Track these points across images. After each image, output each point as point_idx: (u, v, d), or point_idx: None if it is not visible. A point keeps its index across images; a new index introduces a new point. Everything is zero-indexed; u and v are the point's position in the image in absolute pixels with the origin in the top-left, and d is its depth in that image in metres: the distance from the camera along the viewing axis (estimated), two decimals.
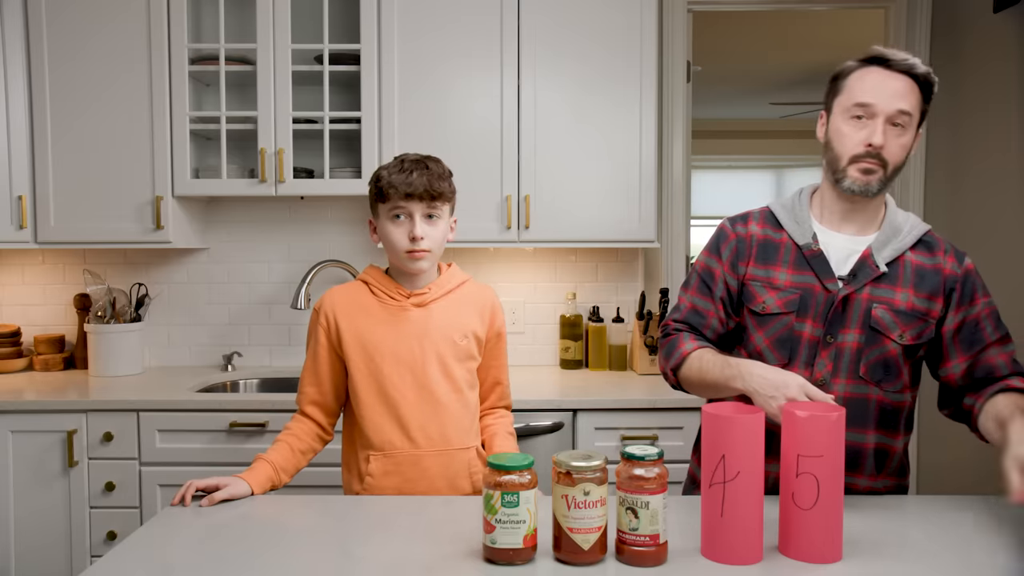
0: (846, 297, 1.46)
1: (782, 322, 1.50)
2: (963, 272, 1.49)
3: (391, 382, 1.61)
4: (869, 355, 1.47)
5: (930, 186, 2.91)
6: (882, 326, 1.46)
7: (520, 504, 1.19)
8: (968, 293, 1.48)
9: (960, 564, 1.21)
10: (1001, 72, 2.56)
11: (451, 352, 1.64)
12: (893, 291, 1.47)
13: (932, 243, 1.51)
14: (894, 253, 1.48)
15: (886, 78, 1.43)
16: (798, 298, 1.49)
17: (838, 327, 1.47)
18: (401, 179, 1.57)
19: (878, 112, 1.42)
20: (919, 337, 1.47)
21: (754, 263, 1.54)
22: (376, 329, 1.62)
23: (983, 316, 1.49)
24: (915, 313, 1.46)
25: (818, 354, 1.48)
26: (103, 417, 2.36)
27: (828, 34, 5.28)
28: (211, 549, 1.28)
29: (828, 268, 1.48)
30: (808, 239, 1.50)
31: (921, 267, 1.48)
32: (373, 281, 1.66)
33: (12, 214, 2.60)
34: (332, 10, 2.69)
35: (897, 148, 1.44)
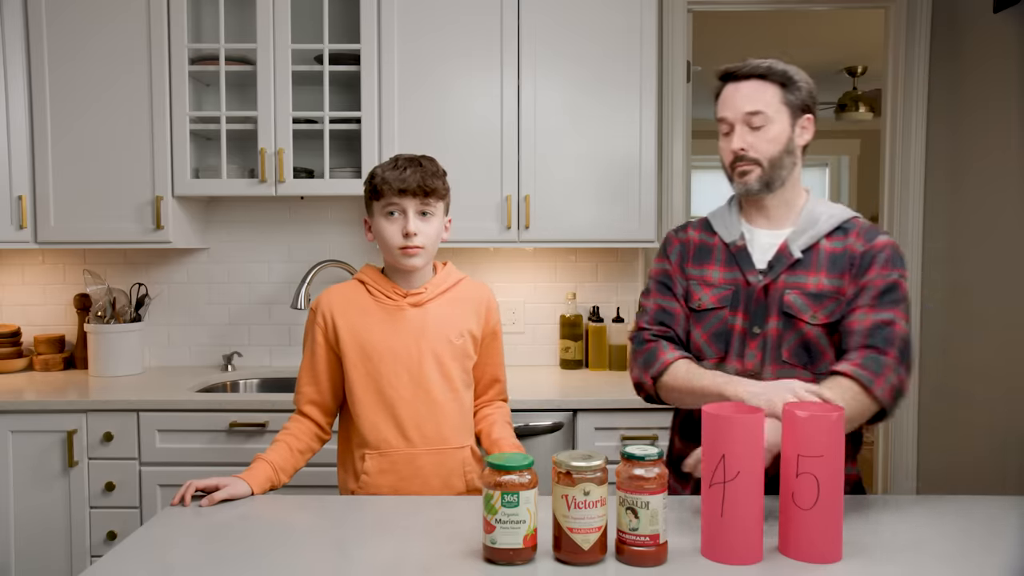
0: (766, 288, 1.54)
1: (717, 316, 1.58)
2: (867, 248, 1.53)
3: (388, 381, 1.61)
4: (789, 340, 1.52)
5: (930, 185, 2.91)
6: (794, 310, 1.52)
7: (520, 504, 1.19)
8: (866, 264, 1.51)
9: (960, 564, 1.21)
10: (1001, 72, 2.56)
11: (447, 351, 1.65)
12: (806, 276, 1.53)
13: (848, 228, 1.56)
14: (809, 241, 1.54)
15: (735, 89, 1.56)
16: (731, 293, 1.57)
17: (762, 317, 1.54)
18: (395, 176, 1.59)
19: (734, 121, 1.55)
20: (832, 316, 1.51)
21: (692, 264, 1.64)
22: (373, 328, 1.63)
23: (871, 285, 1.50)
24: (825, 294, 1.52)
25: (747, 345, 1.55)
26: (103, 417, 2.36)
27: (828, 34, 5.28)
28: (211, 549, 1.28)
29: (750, 261, 1.57)
30: (735, 237, 1.60)
31: (834, 252, 1.54)
32: (370, 280, 1.67)
33: (12, 214, 2.59)
34: (332, 10, 2.69)
35: (764, 144, 1.54)
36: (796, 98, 1.55)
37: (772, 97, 1.53)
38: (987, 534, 1.33)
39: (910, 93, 2.91)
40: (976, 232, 2.70)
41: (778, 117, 1.54)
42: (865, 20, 4.81)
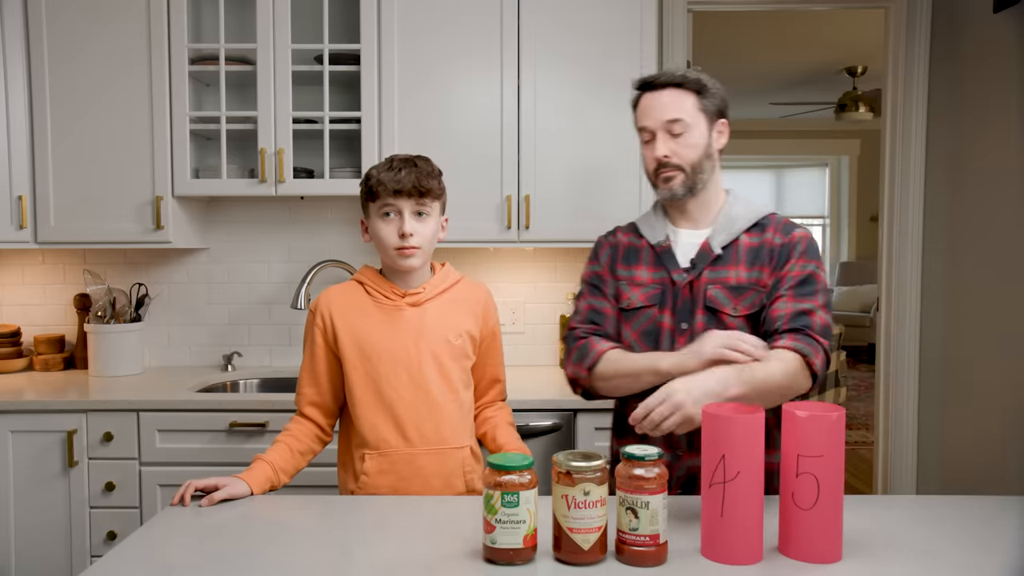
0: (691, 285, 1.59)
1: (646, 315, 1.62)
2: (786, 241, 1.59)
3: (387, 381, 1.61)
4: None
5: (930, 185, 2.91)
6: (716, 303, 1.57)
7: (520, 504, 1.19)
8: (784, 256, 1.57)
9: (960, 564, 1.21)
10: (1001, 72, 2.56)
11: (446, 351, 1.65)
12: (727, 270, 1.59)
13: (765, 224, 1.62)
14: (728, 238, 1.60)
15: (653, 98, 1.61)
16: (659, 292, 1.62)
17: (688, 313, 1.59)
18: (390, 176, 1.60)
19: (655, 129, 1.60)
20: (752, 307, 1.56)
21: (621, 265, 1.68)
22: (372, 329, 1.63)
23: (790, 276, 1.55)
24: (745, 286, 1.57)
25: (676, 342, 1.58)
26: (103, 417, 2.36)
27: (828, 34, 5.28)
28: (211, 549, 1.28)
29: (675, 261, 1.62)
30: (660, 238, 1.65)
31: (752, 246, 1.60)
32: (368, 281, 1.68)
33: (12, 214, 2.60)
34: (332, 10, 2.69)
35: (685, 149, 1.59)
36: (711, 104, 1.61)
37: (690, 105, 1.59)
38: (987, 534, 1.33)
39: (910, 93, 2.91)
40: (976, 232, 2.70)
41: (696, 123, 1.59)
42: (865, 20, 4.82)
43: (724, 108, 1.64)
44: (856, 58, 5.96)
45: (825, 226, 9.23)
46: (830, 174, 9.11)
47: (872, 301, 7.89)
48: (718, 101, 1.62)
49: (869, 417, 5.70)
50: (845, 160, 8.97)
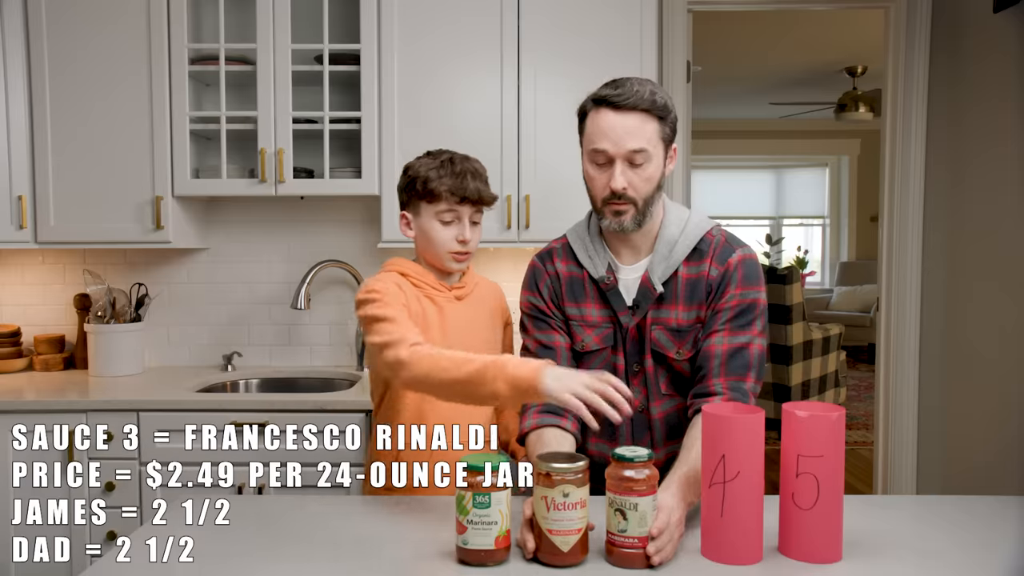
0: (638, 326, 1.52)
1: (601, 357, 1.55)
2: (721, 271, 1.49)
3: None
4: (663, 374, 1.52)
5: (930, 185, 2.92)
6: (660, 347, 1.51)
7: (492, 505, 1.19)
8: (721, 288, 1.48)
9: (960, 564, 1.21)
10: (1001, 71, 2.56)
11: (484, 345, 1.68)
12: (669, 310, 1.51)
13: (703, 250, 1.51)
14: (667, 271, 1.50)
15: (615, 119, 1.44)
16: (611, 332, 1.54)
17: (638, 355, 1.53)
18: (456, 184, 1.58)
19: (614, 156, 1.44)
20: (694, 348, 1.50)
21: (568, 301, 1.57)
22: (427, 317, 1.63)
23: (728, 307, 1.47)
24: (684, 329, 1.50)
25: (631, 383, 1.53)
26: (103, 417, 2.36)
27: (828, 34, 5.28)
28: (211, 549, 1.28)
29: (621, 300, 1.53)
30: (602, 273, 1.53)
31: (690, 279, 1.50)
32: (412, 273, 1.66)
33: (12, 214, 2.59)
34: (332, 10, 2.69)
35: (641, 183, 1.45)
36: (669, 130, 1.48)
37: (652, 133, 1.45)
38: (987, 534, 1.33)
39: (910, 93, 2.91)
40: (976, 231, 2.70)
41: (656, 154, 1.46)
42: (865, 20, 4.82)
43: (675, 133, 1.51)
44: (856, 58, 5.96)
45: (825, 226, 9.23)
46: (830, 174, 9.11)
47: (872, 301, 7.89)
48: (673, 124, 1.49)
49: (869, 417, 5.70)
50: (845, 160, 8.97)
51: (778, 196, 9.19)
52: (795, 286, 4.90)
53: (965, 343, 2.76)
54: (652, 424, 1.54)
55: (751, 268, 1.51)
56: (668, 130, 1.48)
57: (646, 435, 1.55)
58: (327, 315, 2.95)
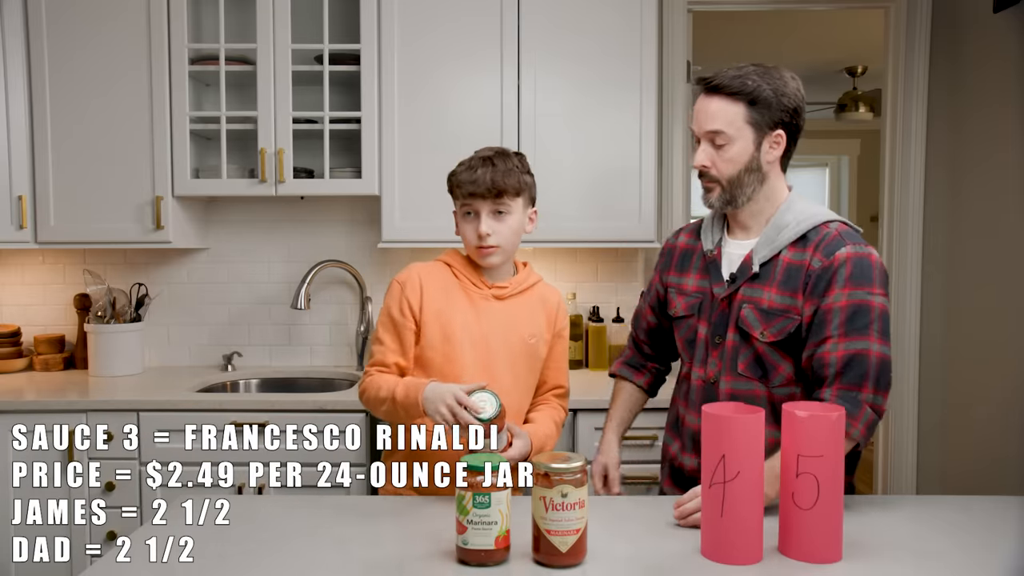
0: (729, 299, 1.55)
1: (688, 324, 1.63)
2: (826, 264, 1.46)
3: (462, 367, 1.60)
4: (745, 353, 1.53)
5: (930, 185, 2.91)
6: (747, 325, 1.52)
7: (492, 505, 1.19)
8: (824, 284, 1.45)
9: (960, 564, 1.21)
10: (1001, 72, 2.56)
11: (521, 351, 1.65)
12: (762, 290, 1.52)
13: (811, 238, 1.50)
14: (770, 253, 1.52)
15: (703, 102, 1.54)
16: (699, 302, 1.61)
17: (723, 328, 1.56)
18: (467, 177, 1.60)
19: (700, 136, 1.54)
20: (781, 333, 1.48)
21: (674, 272, 1.69)
22: (456, 313, 1.62)
23: (835, 308, 1.43)
24: (776, 311, 1.49)
25: (709, 354, 1.58)
26: (103, 417, 2.36)
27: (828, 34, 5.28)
28: (211, 549, 1.28)
29: (719, 272, 1.59)
30: (711, 246, 1.62)
31: (791, 264, 1.50)
32: (457, 266, 1.67)
33: (12, 214, 2.59)
34: (332, 10, 2.69)
35: (723, 164, 1.52)
36: (764, 116, 1.49)
37: (735, 116, 1.49)
38: (987, 534, 1.33)
39: (910, 93, 2.91)
40: (976, 232, 2.70)
41: (740, 136, 1.50)
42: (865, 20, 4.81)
43: (784, 117, 1.51)
44: (856, 58, 5.96)
45: None
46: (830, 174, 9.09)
47: None
48: (777, 111, 1.50)
49: None
50: (845, 160, 8.95)
51: None
52: None
53: (965, 343, 2.75)
54: (719, 397, 1.55)
55: (861, 267, 1.44)
56: (758, 115, 1.50)
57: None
58: (327, 315, 2.95)
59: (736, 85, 1.49)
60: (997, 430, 2.56)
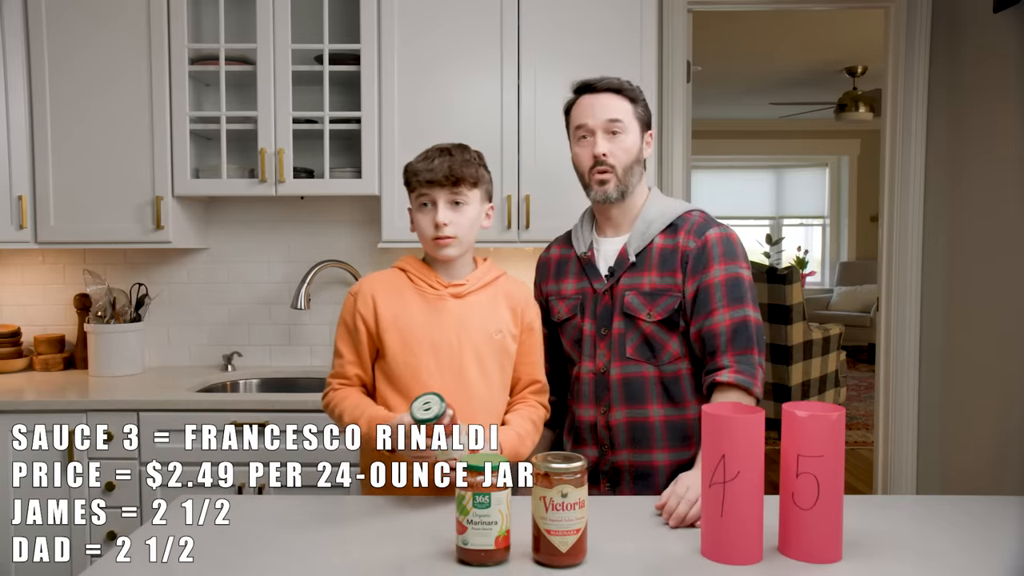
0: (611, 291, 1.67)
1: (572, 325, 1.73)
2: (699, 244, 1.63)
3: (427, 371, 1.57)
4: (632, 337, 1.65)
5: (930, 185, 2.92)
6: (632, 309, 1.64)
7: (492, 505, 1.19)
8: (702, 262, 1.62)
9: (960, 564, 1.21)
10: (1001, 71, 2.56)
11: (487, 346, 1.62)
12: (641, 276, 1.65)
13: (679, 225, 1.67)
14: (643, 243, 1.66)
15: (594, 99, 1.69)
16: (579, 302, 1.72)
17: (607, 319, 1.67)
18: (424, 166, 1.60)
19: (594, 128, 1.67)
20: (666, 311, 1.63)
21: (552, 281, 1.80)
22: (414, 317, 1.60)
23: (716, 282, 1.60)
24: (658, 291, 1.63)
25: (597, 346, 1.68)
26: (103, 417, 2.36)
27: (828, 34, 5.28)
28: (211, 549, 1.28)
29: (596, 271, 1.71)
30: (584, 249, 1.74)
31: (664, 249, 1.66)
32: (411, 269, 1.65)
33: (12, 214, 2.60)
34: (332, 10, 2.69)
35: (620, 152, 1.66)
36: (644, 114, 1.70)
37: (627, 110, 1.67)
38: (987, 534, 1.33)
39: (910, 93, 2.91)
40: (976, 232, 2.70)
41: (631, 128, 1.67)
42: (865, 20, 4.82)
43: (650, 120, 1.74)
44: (856, 58, 5.96)
45: (825, 226, 9.23)
46: (830, 174, 9.11)
47: (872, 301, 7.89)
48: (647, 112, 1.72)
49: (869, 417, 5.70)
50: (845, 160, 8.97)
51: (778, 196, 9.19)
52: (795, 286, 4.90)
53: (965, 343, 2.76)
54: (610, 385, 1.67)
55: (728, 243, 1.64)
56: (641, 111, 1.70)
57: (605, 395, 1.68)
58: (327, 315, 2.95)
59: (621, 85, 1.69)
60: (997, 430, 2.56)
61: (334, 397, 1.62)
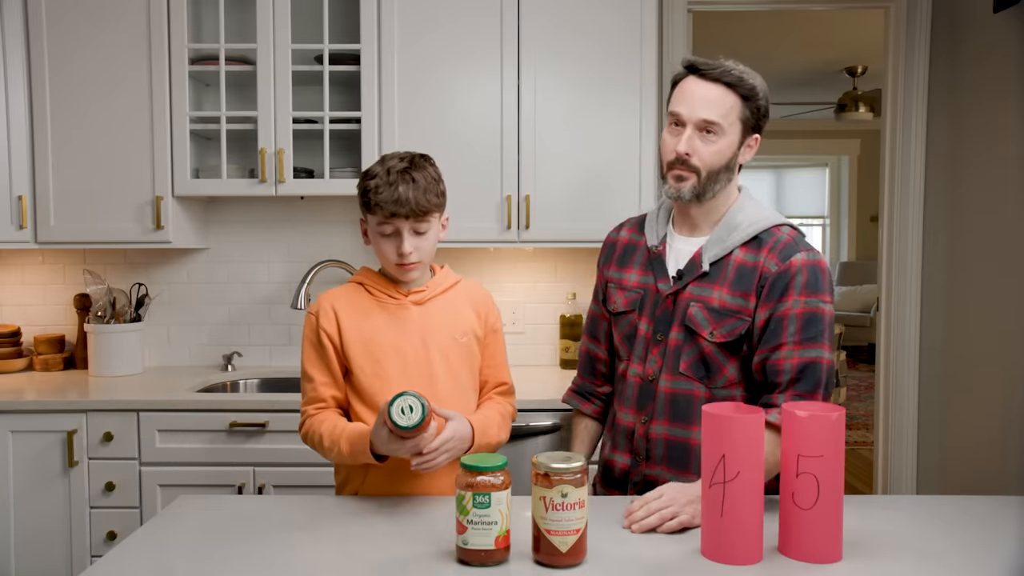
0: (675, 296, 1.53)
1: (627, 320, 1.61)
2: (781, 269, 1.46)
3: (397, 382, 1.56)
4: (689, 352, 1.52)
5: (930, 185, 2.92)
6: (695, 324, 1.50)
7: (492, 505, 1.19)
8: (780, 289, 1.45)
9: (960, 564, 1.21)
10: (1001, 71, 2.56)
11: (454, 350, 1.61)
12: (712, 289, 1.50)
13: (764, 240, 1.50)
14: (721, 252, 1.51)
15: (697, 87, 1.49)
16: (639, 297, 1.59)
17: (666, 325, 1.54)
18: (388, 196, 1.50)
19: (686, 121, 1.48)
20: (731, 334, 1.48)
21: (614, 266, 1.67)
22: (378, 329, 1.59)
23: (791, 315, 1.44)
24: (727, 311, 1.48)
25: (650, 351, 1.56)
26: (103, 417, 2.36)
27: (828, 34, 5.28)
28: (211, 549, 1.28)
29: (664, 269, 1.57)
30: (656, 241, 1.60)
31: (743, 265, 1.50)
32: (369, 282, 1.63)
33: (12, 214, 2.60)
34: (332, 10, 2.69)
35: (708, 155, 1.48)
36: (752, 116, 1.51)
37: (731, 108, 1.48)
38: (987, 534, 1.33)
39: (910, 93, 2.91)
40: (976, 232, 2.70)
41: (731, 131, 1.49)
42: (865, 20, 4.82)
43: (762, 122, 1.54)
44: (856, 58, 5.96)
45: (825, 226, 9.23)
46: (830, 174, 9.11)
47: (872, 301, 7.89)
48: (760, 114, 1.52)
49: (869, 417, 5.70)
50: (845, 160, 8.97)
51: (778, 196, 9.19)
52: None
53: (965, 343, 2.76)
54: (656, 396, 1.54)
55: (817, 274, 1.46)
56: (749, 113, 1.50)
57: (649, 405, 1.56)
58: None
59: (736, 76, 1.48)
60: (997, 430, 2.56)
61: (311, 423, 1.57)
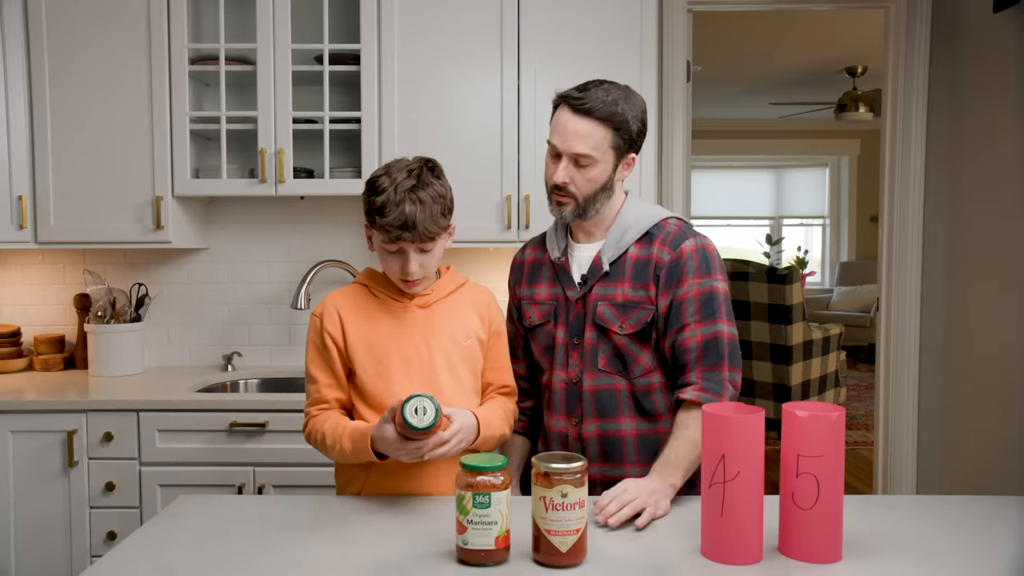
0: (583, 300, 1.63)
1: (544, 331, 1.69)
2: (674, 257, 1.57)
3: (400, 384, 1.56)
4: (604, 349, 1.61)
5: (930, 185, 2.92)
6: (604, 320, 1.60)
7: (492, 505, 1.19)
8: (676, 275, 1.57)
9: (960, 564, 1.21)
10: (1001, 71, 2.56)
11: (457, 353, 1.61)
12: (615, 287, 1.61)
13: (654, 234, 1.61)
14: (617, 252, 1.61)
15: (569, 120, 1.55)
16: (552, 308, 1.68)
17: (580, 328, 1.63)
18: (394, 219, 1.47)
19: (561, 152, 1.57)
20: (638, 324, 1.58)
21: (524, 284, 1.75)
22: (381, 331, 1.58)
23: (688, 297, 1.56)
24: (631, 304, 1.59)
25: (570, 355, 1.64)
26: (103, 417, 2.36)
27: (828, 34, 5.28)
28: (211, 549, 1.28)
29: (570, 277, 1.66)
30: (558, 254, 1.68)
31: (639, 259, 1.61)
32: (373, 284, 1.63)
33: (12, 214, 2.60)
34: (332, 10, 2.69)
35: (584, 183, 1.57)
36: (625, 142, 1.58)
37: (602, 140, 1.55)
38: (987, 534, 1.33)
39: (910, 93, 2.91)
40: (976, 232, 2.70)
41: (603, 159, 1.57)
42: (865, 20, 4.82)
43: (638, 140, 1.60)
44: (856, 58, 5.97)
45: (825, 226, 9.23)
46: (830, 174, 9.11)
47: (872, 301, 7.89)
48: (634, 135, 1.59)
49: (869, 417, 5.70)
50: (845, 160, 8.97)
51: (778, 196, 9.19)
52: (795, 286, 4.90)
53: (965, 343, 2.76)
54: (582, 396, 1.63)
55: (707, 257, 1.58)
56: (622, 141, 1.58)
57: (577, 407, 1.65)
58: None
59: (606, 111, 1.54)
60: (997, 430, 2.56)
61: (314, 424, 1.57)
